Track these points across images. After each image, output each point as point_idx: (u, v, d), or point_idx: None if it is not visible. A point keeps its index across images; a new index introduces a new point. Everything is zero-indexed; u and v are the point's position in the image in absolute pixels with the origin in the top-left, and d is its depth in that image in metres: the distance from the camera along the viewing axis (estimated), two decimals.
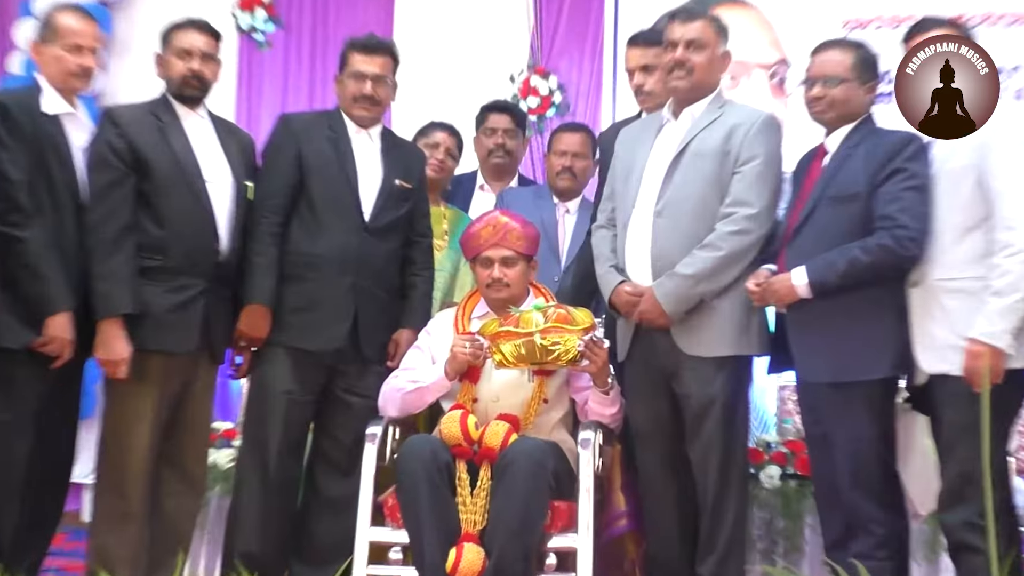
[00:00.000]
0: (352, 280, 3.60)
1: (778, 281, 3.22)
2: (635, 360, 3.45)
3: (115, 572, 3.19)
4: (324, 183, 3.63)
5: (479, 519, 3.20)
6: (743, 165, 3.32)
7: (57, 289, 3.28)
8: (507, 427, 3.32)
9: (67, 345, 3.29)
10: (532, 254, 3.59)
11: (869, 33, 5.19)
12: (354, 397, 3.63)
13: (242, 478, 3.63)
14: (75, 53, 3.42)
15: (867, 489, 3.14)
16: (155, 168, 3.44)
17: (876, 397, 3.18)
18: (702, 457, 3.33)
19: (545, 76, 5.92)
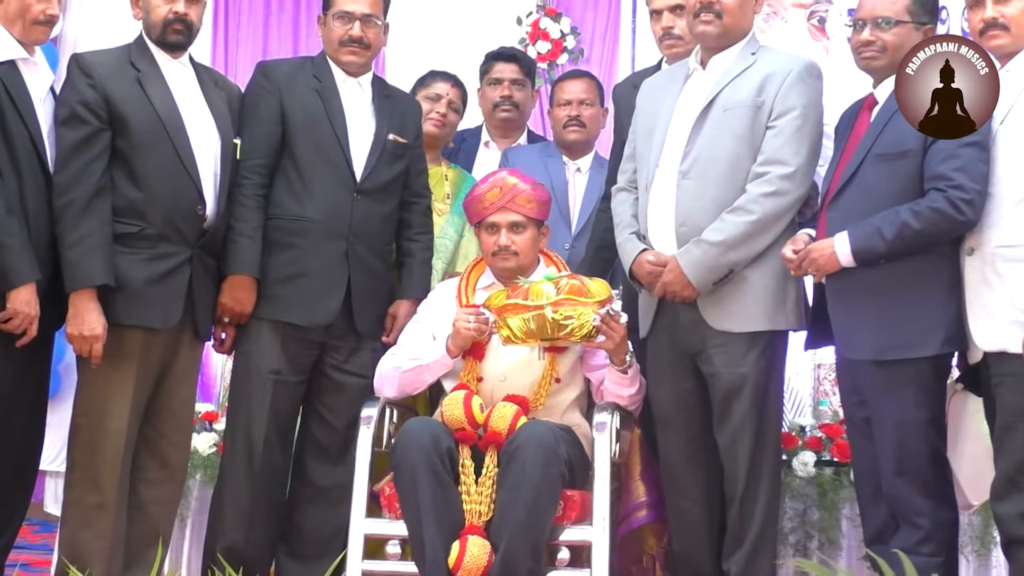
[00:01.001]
0: (344, 246, 3.61)
1: (818, 248, 3.21)
2: (658, 336, 3.47)
3: (88, 567, 3.20)
4: (310, 139, 3.63)
5: (484, 510, 3.22)
6: (778, 119, 3.32)
7: (18, 259, 3.25)
8: (515, 409, 3.33)
9: (32, 321, 3.28)
10: (543, 219, 3.59)
11: None
12: (347, 376, 3.65)
13: (226, 465, 3.65)
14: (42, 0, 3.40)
15: (913, 477, 3.15)
16: (132, 123, 3.42)
17: (925, 376, 3.18)
18: (730, 442, 3.35)
19: (556, 18, 5.92)
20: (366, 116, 3.72)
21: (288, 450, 3.70)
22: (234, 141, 3.61)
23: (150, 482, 3.55)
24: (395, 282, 3.81)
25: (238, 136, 3.63)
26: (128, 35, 3.62)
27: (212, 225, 3.53)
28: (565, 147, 4.27)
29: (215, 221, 3.53)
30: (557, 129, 4.29)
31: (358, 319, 3.64)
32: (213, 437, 4.23)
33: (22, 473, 3.55)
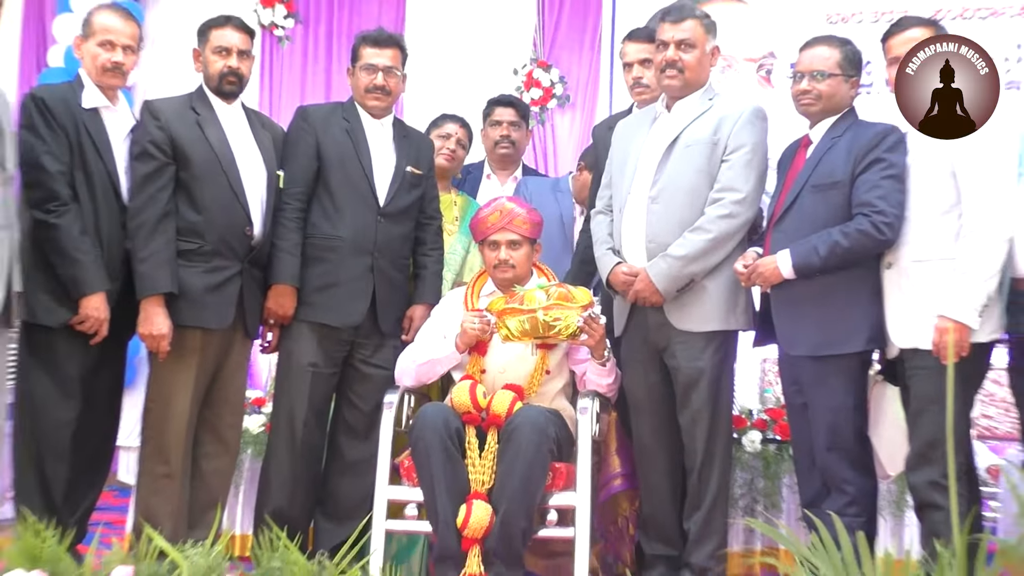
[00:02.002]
0: (369, 261, 3.60)
1: (764, 263, 3.22)
2: (630, 335, 3.46)
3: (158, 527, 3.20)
4: (341, 171, 3.62)
5: (487, 479, 3.22)
6: (731, 154, 3.31)
7: (90, 272, 3.27)
8: (512, 396, 3.33)
9: (102, 323, 3.30)
10: (536, 237, 3.57)
11: (850, 28, 5.17)
12: (373, 368, 3.64)
13: (272, 443, 3.65)
14: (108, 49, 3.41)
15: (842, 452, 3.17)
16: (193, 158, 3.44)
17: (852, 369, 3.20)
18: (690, 423, 3.34)
19: (547, 69, 5.91)
20: (388, 152, 3.70)
21: (323, 430, 3.69)
22: (277, 173, 3.61)
23: (209, 456, 3.57)
24: (411, 290, 3.78)
25: (281, 169, 3.63)
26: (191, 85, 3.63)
27: (259, 243, 3.52)
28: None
29: (261, 239, 3.53)
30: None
31: (381, 321, 3.63)
32: (261, 419, 4.22)
33: (103, 448, 3.58)
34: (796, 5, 5.56)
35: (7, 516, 3.54)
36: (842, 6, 5.50)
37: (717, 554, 3.34)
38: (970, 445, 3.21)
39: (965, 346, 2.96)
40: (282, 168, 3.64)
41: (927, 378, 3.02)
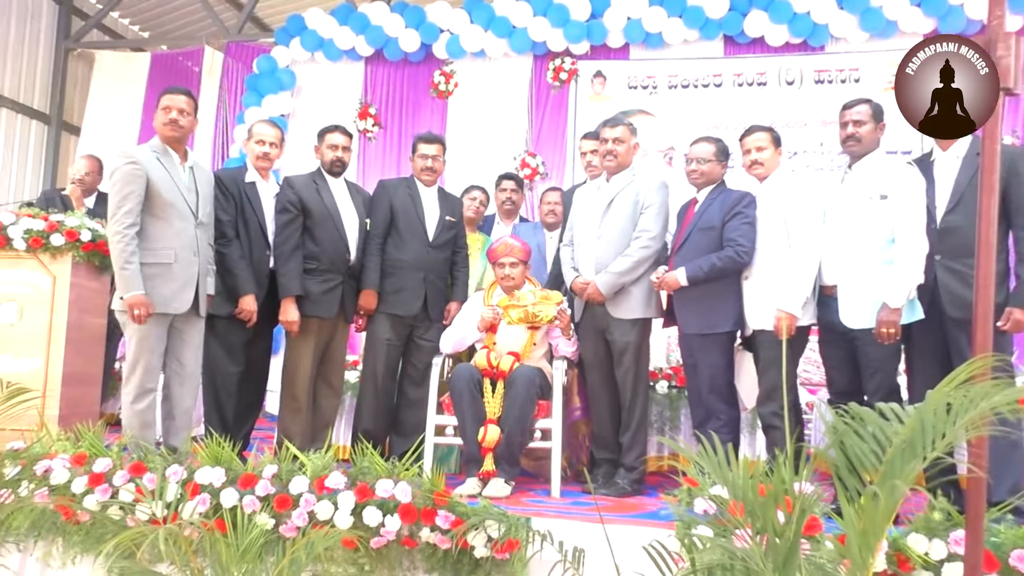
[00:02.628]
0: (423, 275, 3.56)
1: (669, 276, 3.19)
2: (585, 321, 3.42)
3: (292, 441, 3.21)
4: (405, 220, 3.58)
5: (497, 411, 3.21)
6: (647, 208, 3.28)
7: (244, 281, 3.27)
8: (513, 359, 3.31)
9: (253, 313, 3.29)
10: (527, 260, 3.54)
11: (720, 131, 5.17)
12: (425, 342, 3.59)
13: (363, 388, 3.61)
14: (260, 145, 3.42)
15: (718, 394, 3.15)
16: (314, 212, 3.42)
17: (724, 342, 3.18)
18: (624, 376, 3.30)
19: (534, 156, 5.88)
20: (434, 208, 3.65)
21: (395, 380, 3.63)
22: (366, 220, 3.59)
23: (323, 395, 3.53)
24: (449, 292, 3.73)
25: (368, 218, 3.60)
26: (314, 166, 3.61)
27: (354, 264, 3.50)
28: (547, 226, 4.15)
29: (355, 262, 3.50)
30: (542, 216, 4.16)
31: (431, 311, 3.58)
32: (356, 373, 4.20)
33: (257, 391, 3.57)
34: (687, 117, 5.56)
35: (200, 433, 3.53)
36: (715, 118, 5.49)
37: (640, 458, 3.32)
38: (796, 389, 3.21)
39: (792, 327, 2.95)
40: (369, 218, 3.61)
41: (770, 347, 3.01)
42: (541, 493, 3.17)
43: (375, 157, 6.25)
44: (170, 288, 2.97)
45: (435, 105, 6.14)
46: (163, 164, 3.01)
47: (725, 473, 1.51)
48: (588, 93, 5.84)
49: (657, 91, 5.70)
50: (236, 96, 6.34)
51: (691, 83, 5.63)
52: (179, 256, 2.99)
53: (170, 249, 2.97)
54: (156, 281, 2.94)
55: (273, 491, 2.46)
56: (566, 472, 3.45)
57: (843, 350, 2.93)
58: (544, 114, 5.98)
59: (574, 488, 3.29)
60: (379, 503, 2.39)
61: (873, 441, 1.43)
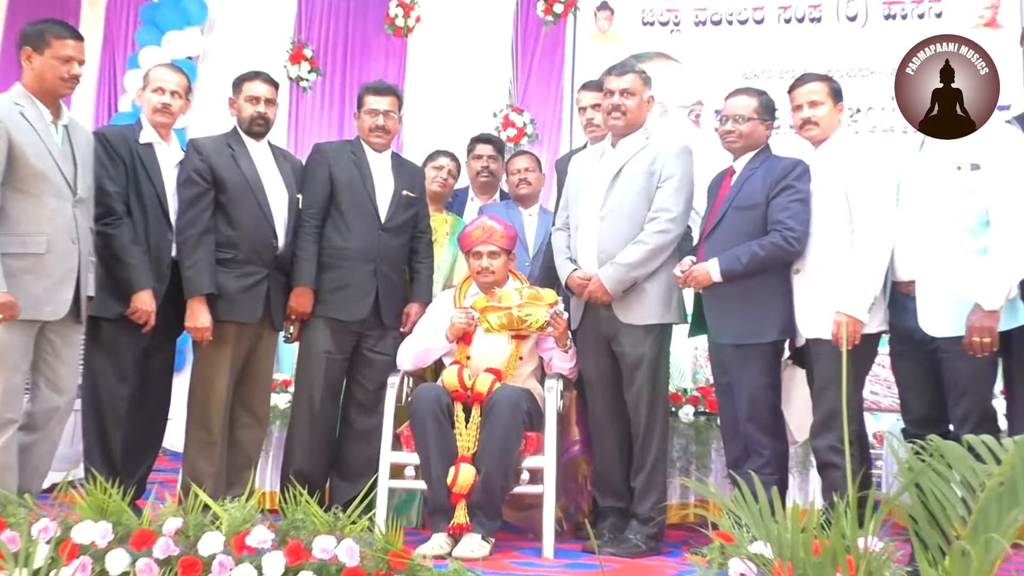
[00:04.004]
0: (373, 267, 3.57)
1: (698, 269, 3.21)
2: (585, 328, 3.43)
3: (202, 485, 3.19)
4: (349, 194, 3.59)
5: (471, 445, 3.22)
6: (664, 181, 3.30)
7: (138, 272, 3.26)
8: (492, 378, 3.33)
9: (150, 315, 3.28)
10: (511, 249, 3.58)
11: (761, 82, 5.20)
12: (377, 355, 3.61)
13: (295, 416, 3.62)
14: (159, 93, 3.41)
15: (759, 423, 3.16)
16: (228, 185, 3.43)
17: (768, 355, 3.19)
18: (635, 399, 3.32)
19: (520, 113, 5.89)
20: (387, 178, 3.68)
21: (337, 405, 3.66)
22: (297, 196, 3.59)
23: (243, 426, 3.54)
24: (408, 291, 3.76)
25: (300, 193, 3.60)
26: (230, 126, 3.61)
27: (282, 253, 3.51)
28: (519, 201, 4.20)
29: (284, 250, 3.51)
30: (512, 190, 4.24)
31: (384, 315, 3.60)
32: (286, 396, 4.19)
33: (156, 420, 3.55)
34: (718, 64, 5.58)
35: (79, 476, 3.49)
36: (754, 65, 5.52)
37: (658, 506, 3.33)
38: (861, 416, 3.22)
39: (857, 336, 2.97)
40: (301, 193, 3.61)
41: (827, 362, 3.02)
42: (529, 553, 3.17)
43: (311, 113, 6.24)
44: (41, 286, 2.93)
45: (390, 46, 6.14)
46: (30, 122, 2.97)
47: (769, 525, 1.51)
48: (590, 31, 5.86)
49: (680, 29, 5.72)
50: (127, 32, 6.28)
51: (724, 19, 5.66)
52: (53, 244, 2.95)
53: (42, 235, 2.94)
54: (23, 277, 2.90)
55: (177, 552, 2.43)
56: (561, 525, 3.46)
57: (923, 365, 2.95)
58: (533, 59, 6.00)
59: (572, 546, 3.30)
60: (317, 567, 2.37)
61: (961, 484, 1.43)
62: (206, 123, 5.40)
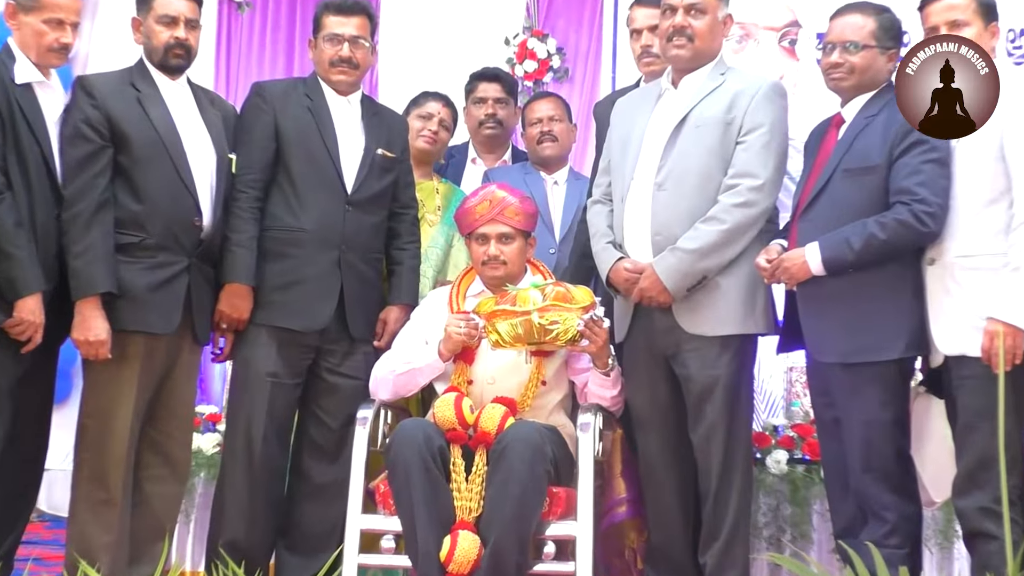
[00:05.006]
0: (336, 255, 3.59)
1: (790, 258, 3.21)
2: (634, 340, 3.44)
3: (96, 561, 3.18)
4: (303, 154, 3.61)
5: (475, 506, 3.20)
6: (747, 135, 3.31)
7: (25, 270, 3.24)
8: (503, 410, 3.31)
9: (37, 328, 3.27)
10: (530, 230, 3.58)
11: None
12: (342, 379, 3.62)
13: (227, 464, 3.62)
14: (55, 28, 3.38)
15: (879, 474, 3.15)
16: (133, 140, 3.41)
17: (890, 378, 3.17)
18: (705, 441, 3.32)
19: (542, 39, 5.89)
20: (356, 132, 3.70)
21: (286, 449, 3.67)
22: (230, 157, 3.59)
23: (154, 479, 3.53)
24: (386, 289, 3.78)
25: (234, 152, 3.61)
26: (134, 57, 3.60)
27: (209, 235, 3.50)
28: (541, 163, 4.23)
29: (212, 232, 3.51)
30: (531, 147, 4.25)
31: (351, 324, 3.61)
32: (215, 437, 4.21)
33: (29, 473, 3.53)
34: None
35: None
36: None
37: None
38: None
39: (1019, 352, 2.95)
40: (235, 151, 3.62)
41: (977, 389, 3.00)
42: None
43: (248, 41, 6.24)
44: None
45: None
46: None
47: None
48: None
49: None
50: None
51: None
52: None
53: None
54: None
55: None
56: None
57: None
58: None
59: None
60: None
61: None
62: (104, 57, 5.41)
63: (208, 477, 4.11)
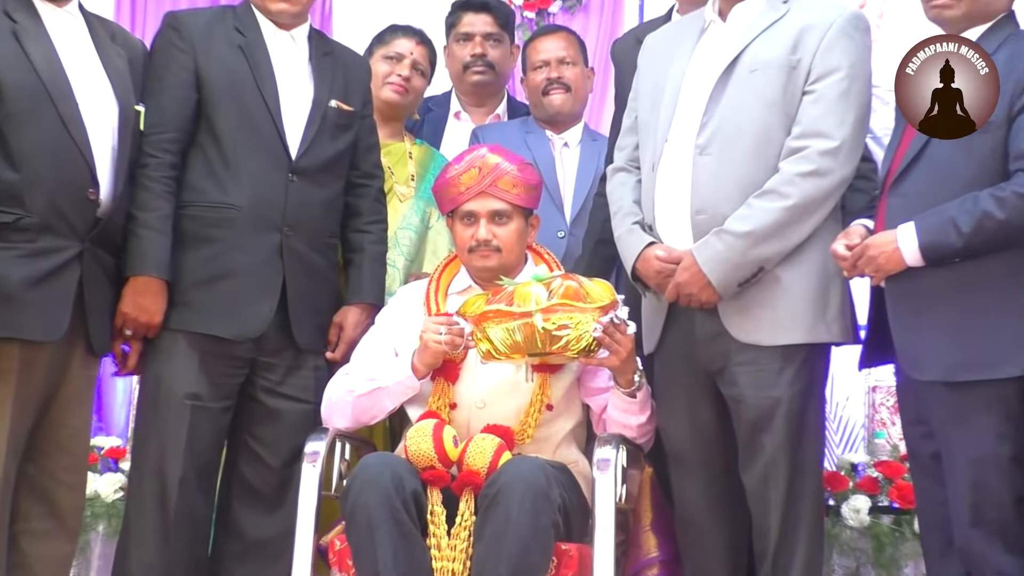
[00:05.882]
0: (278, 239, 3.61)
1: (877, 244, 3.19)
2: (669, 352, 3.47)
3: None
4: (233, 106, 3.63)
5: (459, 568, 3.21)
6: (818, 82, 3.32)
7: None
8: (497, 443, 3.32)
9: None
10: (532, 207, 3.61)
11: None
12: (284, 401, 3.65)
13: (133, 513, 3.62)
14: None
15: (993, 528, 3.14)
16: (7, 86, 3.37)
17: (1010, 402, 3.16)
18: (761, 484, 3.33)
19: None
20: (302, 78, 3.73)
21: (211, 494, 3.69)
22: (136, 109, 3.60)
23: (36, 534, 3.51)
24: (343, 284, 3.82)
25: (142, 103, 3.62)
26: None
27: (108, 213, 3.49)
28: (547, 119, 4.27)
29: (112, 208, 3.50)
30: (535, 98, 4.29)
31: (296, 329, 3.63)
32: (119, 479, 4.19)
33: None
34: None
35: None
36: None
37: None
38: None
39: None
40: (143, 103, 3.63)
41: None
42: None
43: None
44: None
45: None
46: None
47: None
48: None
49: None
50: None
51: None
52: None
53: None
54: None
55: None
56: None
57: None
58: None
59: None
60: None
61: None
62: None
63: (109, 531, 4.11)
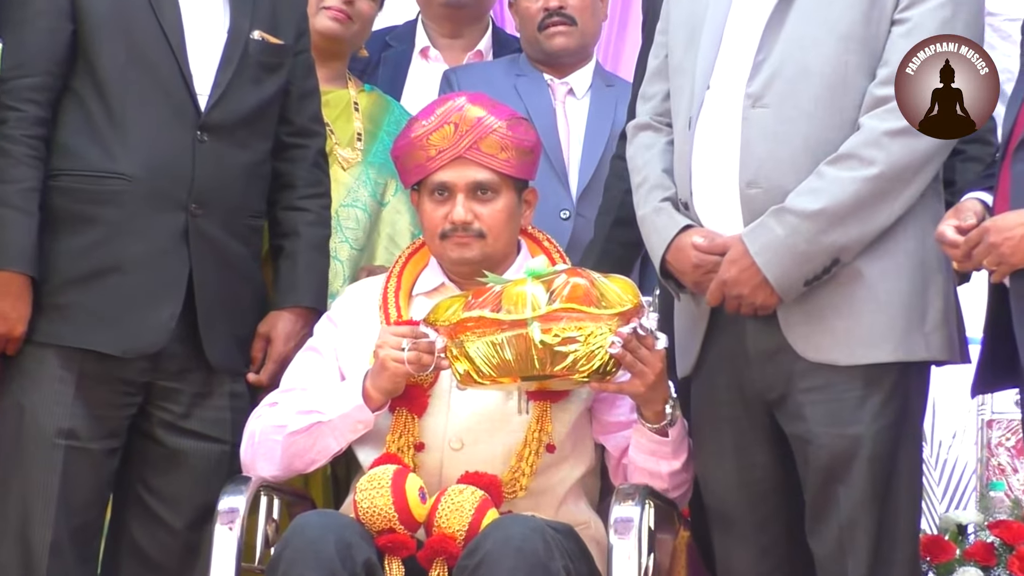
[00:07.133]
0: (182, 220, 3.72)
1: (1000, 227, 3.20)
2: (711, 374, 3.58)
3: None
4: (121, 42, 3.71)
5: None
6: (911, 7, 3.43)
7: None
8: (480, 497, 3.41)
9: None
10: (527, 177, 3.69)
11: None
12: (191, 440, 3.75)
13: None
14: None
15: None
16: None
17: None
18: (836, 550, 3.41)
19: None
20: (214, 2, 3.80)
21: (92, 565, 3.74)
22: None
23: None
24: (269, 281, 3.90)
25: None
26: None
27: None
28: (545, 59, 4.35)
29: None
30: (530, 34, 4.36)
31: (207, 343, 3.74)
32: None
33: None
34: None
35: None
36: None
37: None
38: None
39: None
40: (1, 37, 3.71)
41: None
42: None
43: None
44: None
45: None
46: None
47: None
48: None
49: None
50: None
51: None
52: None
53: None
54: None
55: None
56: None
57: None
58: None
59: None
60: None
61: None
62: None
63: None
